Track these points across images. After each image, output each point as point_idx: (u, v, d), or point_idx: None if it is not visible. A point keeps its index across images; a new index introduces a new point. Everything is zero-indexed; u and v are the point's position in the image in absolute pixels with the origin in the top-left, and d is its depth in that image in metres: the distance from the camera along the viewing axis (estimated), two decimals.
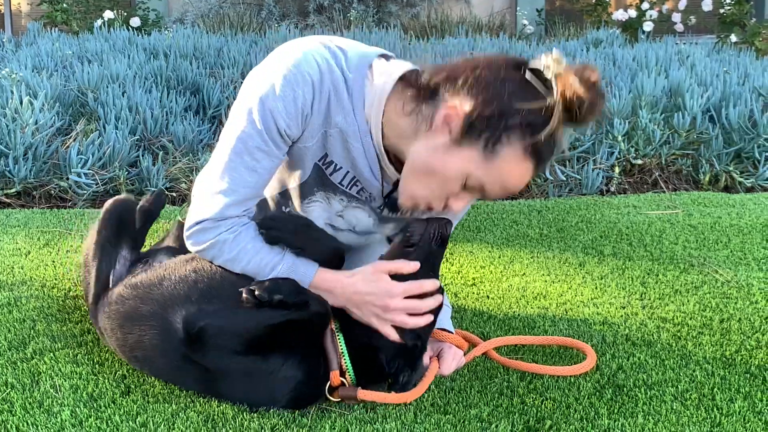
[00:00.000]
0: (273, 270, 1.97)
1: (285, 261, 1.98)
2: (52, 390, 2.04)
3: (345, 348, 1.97)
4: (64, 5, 8.97)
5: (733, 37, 8.65)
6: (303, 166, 2.09)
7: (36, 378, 2.11)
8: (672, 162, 4.84)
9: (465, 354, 2.24)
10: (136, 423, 1.88)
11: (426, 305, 1.99)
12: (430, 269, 2.04)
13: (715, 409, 2.00)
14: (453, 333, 2.25)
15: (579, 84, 1.81)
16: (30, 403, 1.97)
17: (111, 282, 2.26)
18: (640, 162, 4.76)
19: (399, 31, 8.41)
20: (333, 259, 2.04)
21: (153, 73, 5.70)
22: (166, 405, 1.97)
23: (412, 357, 2.00)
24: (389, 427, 1.88)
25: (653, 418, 1.96)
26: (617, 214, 3.97)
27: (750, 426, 1.93)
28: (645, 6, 9.26)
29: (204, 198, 1.99)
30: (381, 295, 1.95)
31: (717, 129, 4.87)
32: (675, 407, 2.02)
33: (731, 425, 1.93)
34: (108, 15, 8.39)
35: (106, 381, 2.09)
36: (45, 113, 4.47)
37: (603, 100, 1.87)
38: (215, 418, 1.92)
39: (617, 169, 4.69)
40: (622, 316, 2.63)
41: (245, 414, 1.92)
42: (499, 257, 3.26)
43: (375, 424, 1.90)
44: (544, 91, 1.86)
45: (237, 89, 4.10)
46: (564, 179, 4.51)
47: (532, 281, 2.97)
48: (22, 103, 4.35)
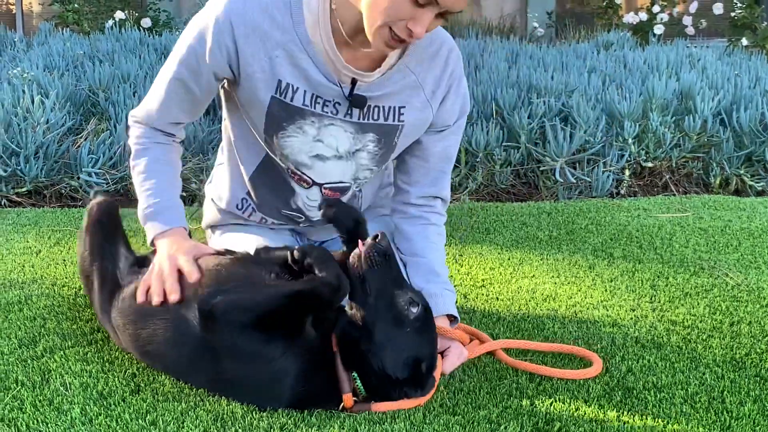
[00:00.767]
0: (144, 207, 2.25)
1: (156, 206, 2.24)
2: (62, 388, 2.04)
3: (356, 374, 1.98)
4: (75, 5, 8.98)
5: (744, 41, 8.62)
6: (257, 99, 2.20)
7: (46, 376, 2.11)
8: (682, 165, 4.83)
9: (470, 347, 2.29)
10: (145, 421, 1.88)
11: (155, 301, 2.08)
12: (393, 281, 2.02)
13: (725, 412, 2.00)
14: (458, 319, 2.34)
15: None
16: (40, 401, 1.97)
17: (120, 279, 2.27)
18: (650, 165, 4.75)
19: None
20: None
21: None
22: (175, 403, 1.97)
23: (420, 379, 1.99)
24: (398, 428, 1.88)
25: (663, 420, 1.96)
26: (627, 216, 3.97)
27: (760, 429, 1.93)
28: (656, 9, 9.24)
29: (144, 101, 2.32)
30: (159, 271, 2.12)
31: (728, 132, 4.86)
32: (684, 410, 2.01)
33: (741, 428, 1.93)
34: (119, 15, 8.40)
35: (116, 379, 2.09)
36: (56, 112, 4.48)
37: None
38: (224, 416, 1.92)
39: (627, 172, 4.69)
40: (631, 318, 2.63)
41: (254, 413, 1.92)
42: (509, 259, 3.26)
43: (384, 424, 1.90)
44: None
45: None
46: (574, 182, 4.51)
47: (541, 283, 2.96)
48: (33, 103, 4.37)
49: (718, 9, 9.35)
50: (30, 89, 4.63)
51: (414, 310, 1.98)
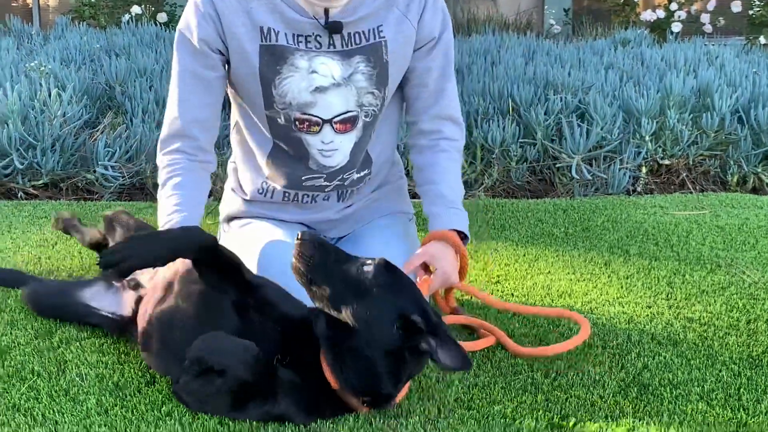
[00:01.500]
0: (162, 221, 2.25)
1: (171, 223, 2.22)
2: (77, 378, 2.05)
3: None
4: (91, 0, 9.01)
5: (763, 39, 8.56)
6: (246, 54, 2.32)
7: (62, 367, 2.12)
8: (700, 163, 4.81)
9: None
10: (161, 412, 1.89)
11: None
12: (335, 261, 1.92)
13: (741, 410, 1.99)
14: (467, 237, 2.49)
15: None
16: (56, 391, 1.98)
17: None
18: (667, 162, 4.73)
19: None
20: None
21: None
22: None
23: (429, 325, 1.85)
24: (413, 422, 1.88)
25: (678, 417, 1.95)
26: (644, 214, 3.95)
27: None
28: (674, 7, 9.19)
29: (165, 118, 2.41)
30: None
31: (746, 130, 4.82)
32: (701, 407, 2.00)
33: (757, 425, 1.91)
34: (135, 10, 8.42)
35: (131, 371, 2.10)
36: (73, 106, 4.50)
37: None
38: None
39: (644, 169, 4.67)
40: (647, 315, 2.61)
41: None
42: (524, 255, 3.25)
43: (399, 418, 1.89)
44: None
45: None
46: (590, 179, 4.49)
47: (556, 279, 2.95)
48: (50, 96, 4.38)
49: (736, 7, 9.30)
50: (47, 82, 4.65)
51: (367, 269, 1.88)
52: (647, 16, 9.27)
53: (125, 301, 2.26)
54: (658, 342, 2.40)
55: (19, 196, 4.17)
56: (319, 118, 2.40)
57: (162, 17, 8.51)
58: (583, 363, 2.24)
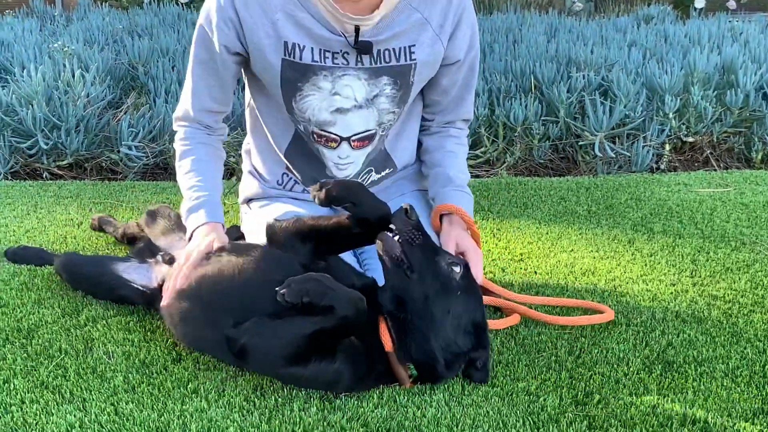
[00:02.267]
0: (190, 201, 2.31)
1: (202, 200, 2.30)
2: (104, 356, 2.07)
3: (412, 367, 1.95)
4: None
5: None
6: (269, 65, 2.28)
7: (89, 344, 2.14)
8: (724, 140, 4.77)
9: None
10: (187, 389, 1.91)
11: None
12: (430, 250, 2.00)
13: (766, 387, 1.98)
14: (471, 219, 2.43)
15: None
16: (84, 369, 2.00)
17: None
18: (691, 139, 4.70)
19: None
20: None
21: None
22: (216, 372, 2.00)
23: (482, 340, 1.98)
24: (437, 398, 1.89)
25: (703, 394, 1.95)
26: (667, 191, 3.93)
27: None
28: None
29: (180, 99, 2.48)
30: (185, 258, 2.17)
31: None
32: (725, 384, 2.00)
33: None
34: None
35: (157, 348, 2.12)
36: (96, 86, 4.51)
37: None
38: (264, 386, 1.94)
39: (668, 147, 4.63)
40: (672, 293, 2.61)
41: None
42: (547, 233, 3.24)
43: (423, 395, 1.91)
44: None
45: None
46: (613, 156, 4.47)
47: (580, 257, 2.95)
48: (74, 77, 4.40)
49: None
50: (71, 63, 4.67)
51: (457, 269, 1.97)
52: None
53: (156, 275, 2.30)
54: (682, 319, 2.40)
55: (44, 176, 4.20)
56: (338, 136, 2.40)
57: None
58: (607, 340, 2.24)
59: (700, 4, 8.60)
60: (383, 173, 2.59)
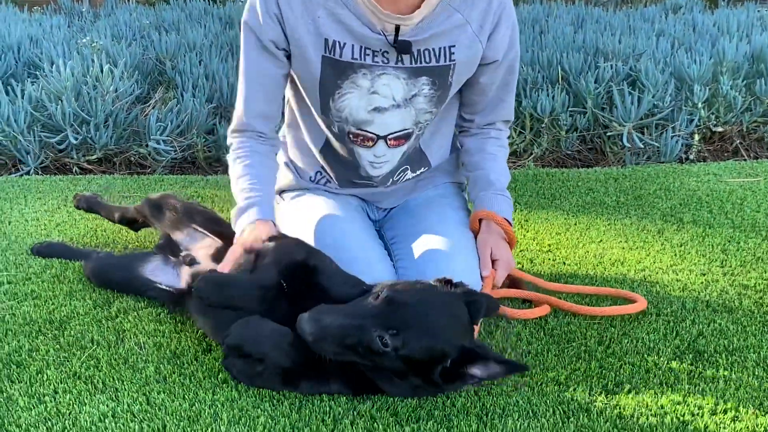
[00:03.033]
0: (243, 199, 2.27)
1: (255, 198, 2.26)
2: (136, 347, 2.09)
3: None
4: None
5: None
6: (309, 62, 2.27)
7: (121, 336, 2.16)
8: (754, 129, 4.73)
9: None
10: (218, 379, 1.92)
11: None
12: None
13: None
14: (510, 223, 2.45)
15: None
16: (116, 360, 2.02)
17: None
18: (720, 129, 4.66)
19: None
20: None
21: (228, 43, 5.75)
22: None
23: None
24: (467, 388, 1.89)
25: (734, 384, 1.93)
26: (697, 181, 3.90)
27: None
28: None
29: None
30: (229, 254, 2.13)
31: None
32: (757, 373, 1.99)
33: None
34: None
35: (188, 339, 2.14)
36: (125, 81, 4.54)
37: None
38: None
39: (697, 137, 4.60)
40: (702, 283, 2.59)
41: None
42: (575, 224, 3.23)
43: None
44: None
45: None
46: (642, 147, 4.44)
47: (609, 248, 2.94)
48: (102, 72, 4.43)
49: None
50: (99, 59, 4.70)
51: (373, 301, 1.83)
52: None
53: (182, 276, 2.30)
54: (712, 309, 2.38)
55: (74, 171, 4.23)
56: (375, 134, 2.40)
57: None
58: (637, 330, 2.23)
59: None
60: (418, 172, 2.59)
